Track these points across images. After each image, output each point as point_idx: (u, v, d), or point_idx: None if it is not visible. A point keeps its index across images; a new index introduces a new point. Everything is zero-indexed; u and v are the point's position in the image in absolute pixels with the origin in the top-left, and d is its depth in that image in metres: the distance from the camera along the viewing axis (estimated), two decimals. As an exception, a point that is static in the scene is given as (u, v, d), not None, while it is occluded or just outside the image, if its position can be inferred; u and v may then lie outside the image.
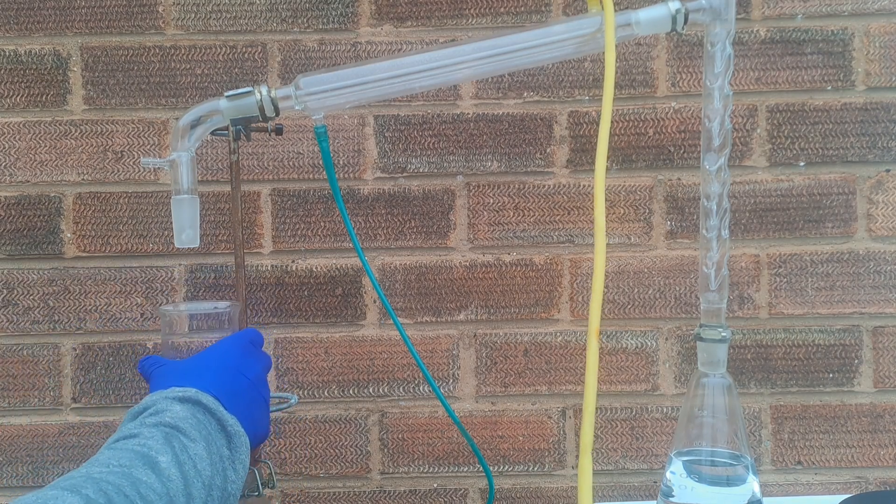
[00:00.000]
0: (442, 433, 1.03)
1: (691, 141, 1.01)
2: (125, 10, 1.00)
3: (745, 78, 1.01)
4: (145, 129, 1.01)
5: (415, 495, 1.03)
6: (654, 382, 1.02)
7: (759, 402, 1.02)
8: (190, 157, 0.73)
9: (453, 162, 1.01)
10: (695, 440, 0.72)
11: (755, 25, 1.00)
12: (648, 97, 1.01)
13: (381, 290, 0.84)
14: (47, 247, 1.01)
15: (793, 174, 1.01)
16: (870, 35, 1.00)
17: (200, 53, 1.00)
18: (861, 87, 1.00)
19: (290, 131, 1.00)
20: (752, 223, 1.01)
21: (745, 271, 1.01)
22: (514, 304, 1.02)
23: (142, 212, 1.01)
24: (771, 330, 1.02)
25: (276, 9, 1.00)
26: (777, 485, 1.02)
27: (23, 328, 1.01)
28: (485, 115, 1.01)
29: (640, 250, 1.02)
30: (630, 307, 1.02)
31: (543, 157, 1.01)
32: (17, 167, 1.00)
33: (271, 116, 0.74)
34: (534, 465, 1.03)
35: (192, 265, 1.01)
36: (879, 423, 1.01)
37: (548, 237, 1.02)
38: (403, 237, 1.02)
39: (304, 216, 1.01)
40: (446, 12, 1.00)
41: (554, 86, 1.01)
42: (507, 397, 1.02)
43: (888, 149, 1.01)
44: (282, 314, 1.02)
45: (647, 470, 1.03)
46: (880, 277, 1.01)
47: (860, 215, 1.01)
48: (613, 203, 1.01)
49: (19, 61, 1.00)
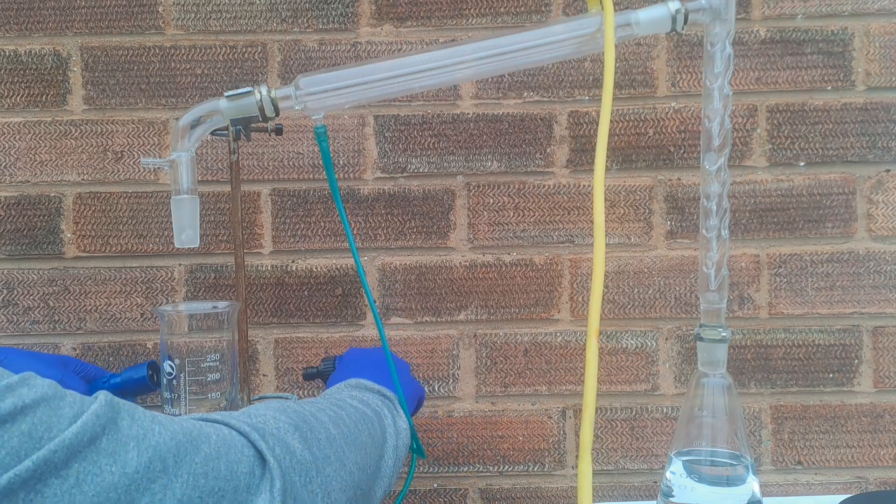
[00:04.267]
0: (442, 433, 1.03)
1: (691, 141, 1.01)
2: (125, 10, 1.00)
3: (745, 78, 1.01)
4: (145, 129, 1.01)
5: (415, 495, 1.03)
6: (654, 382, 1.02)
7: (759, 402, 1.02)
8: (190, 157, 0.73)
9: (453, 162, 1.01)
10: (695, 440, 0.72)
11: (755, 25, 1.00)
12: (648, 97, 1.01)
13: (367, 286, 0.84)
14: (47, 247, 1.01)
15: (793, 174, 1.01)
16: (870, 35, 1.00)
17: (200, 53, 1.00)
18: (861, 87, 1.00)
19: (290, 131, 1.00)
20: (752, 223, 1.01)
21: (745, 271, 1.01)
22: (514, 304, 1.02)
23: (142, 212, 1.01)
24: (771, 330, 1.02)
25: (276, 9, 1.00)
26: (777, 485, 1.02)
27: (23, 328, 1.01)
28: (485, 115, 1.01)
29: (640, 250, 1.02)
30: (630, 307, 1.02)
31: (543, 157, 1.01)
32: (17, 167, 1.00)
33: (271, 116, 0.74)
34: (534, 465, 1.03)
35: (192, 265, 1.01)
36: (879, 423, 1.01)
37: (548, 237, 1.02)
38: (403, 237, 1.02)
39: (303, 216, 1.01)
40: (446, 12, 1.00)
41: (554, 86, 1.01)
42: (507, 397, 1.02)
43: (888, 149, 1.01)
44: (282, 314, 1.02)
45: (647, 470, 1.03)
46: (880, 277, 1.01)
47: (860, 215, 1.01)
48: (613, 203, 1.01)
49: (19, 61, 1.00)
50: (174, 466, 0.46)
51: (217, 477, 0.49)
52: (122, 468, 0.44)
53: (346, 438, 0.63)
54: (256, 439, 0.53)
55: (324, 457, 0.59)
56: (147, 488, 0.45)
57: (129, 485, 0.44)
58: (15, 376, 0.43)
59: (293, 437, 0.57)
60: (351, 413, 0.68)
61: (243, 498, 0.50)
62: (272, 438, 0.54)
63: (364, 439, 0.66)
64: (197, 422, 0.52)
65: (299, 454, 0.56)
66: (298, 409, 0.62)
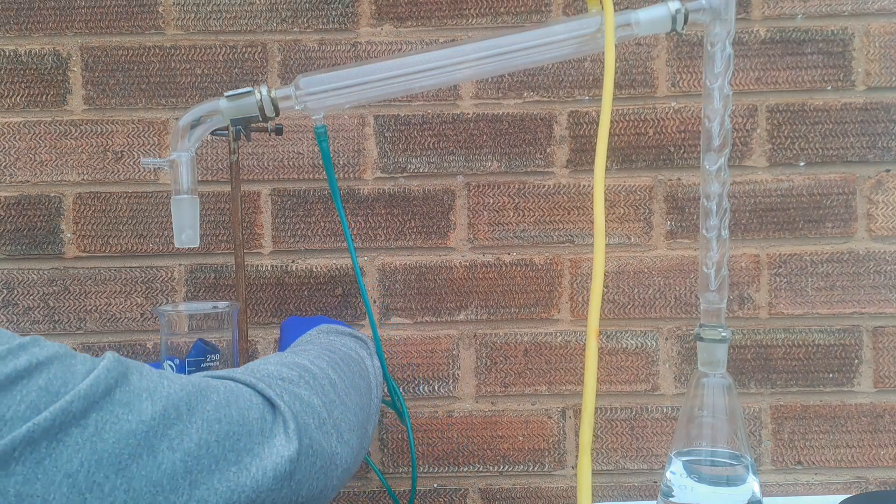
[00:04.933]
0: (442, 433, 1.03)
1: (691, 141, 1.01)
2: (125, 10, 1.00)
3: (745, 78, 1.01)
4: (145, 129, 1.01)
5: (415, 495, 1.03)
6: (654, 382, 1.02)
7: (759, 402, 1.02)
8: (190, 157, 0.73)
9: (453, 162, 1.01)
10: (695, 440, 0.72)
11: (755, 25, 1.00)
12: (648, 97, 1.01)
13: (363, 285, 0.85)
14: (47, 247, 1.01)
15: (793, 174, 1.01)
16: (870, 35, 1.00)
17: (200, 53, 1.00)
18: (861, 87, 1.00)
19: (290, 131, 1.00)
20: (752, 223, 1.01)
21: (745, 271, 1.01)
22: (514, 304, 1.02)
23: (142, 212, 1.01)
24: (771, 330, 1.02)
25: (276, 9, 1.00)
26: (777, 485, 1.02)
27: (23, 328, 1.01)
28: (485, 115, 1.01)
29: (640, 250, 1.02)
30: (630, 307, 1.02)
31: (543, 157, 1.01)
32: (17, 167, 1.00)
33: (271, 116, 0.74)
34: (534, 465, 1.03)
35: (192, 265, 1.01)
36: (879, 423, 1.01)
37: (548, 237, 1.02)
38: (403, 237, 1.02)
39: (303, 216, 1.01)
40: (446, 12, 1.00)
41: (554, 86, 1.01)
42: (507, 397, 1.02)
43: (888, 149, 1.01)
44: (282, 314, 1.02)
45: (647, 470, 1.03)
46: (880, 277, 1.01)
47: (860, 215, 1.01)
48: (613, 203, 1.01)
49: (19, 61, 1.00)
50: (187, 413, 0.48)
51: (230, 422, 0.50)
52: (138, 416, 0.46)
53: (345, 382, 0.66)
54: (263, 388, 0.55)
55: (329, 401, 0.61)
56: (164, 434, 0.46)
57: (147, 431, 0.46)
58: (25, 338, 0.45)
59: (299, 386, 0.59)
60: (343, 356, 0.70)
61: (258, 440, 0.52)
62: (278, 387, 0.56)
63: (357, 381, 0.70)
64: (202, 377, 0.54)
65: (307, 399, 0.58)
66: (297, 360, 0.64)
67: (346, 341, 0.76)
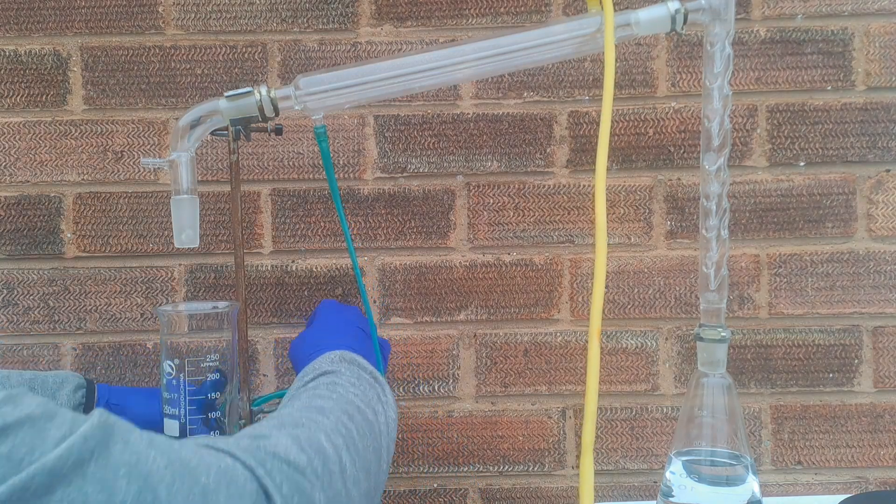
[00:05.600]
0: (442, 433, 1.03)
1: (691, 141, 1.01)
2: (125, 10, 1.00)
3: (745, 78, 1.01)
4: (145, 129, 1.01)
5: (415, 495, 1.03)
6: (654, 382, 1.02)
7: (759, 402, 1.02)
8: (190, 157, 0.73)
9: (453, 162, 1.01)
10: (695, 440, 0.72)
11: (755, 25, 1.00)
12: (648, 97, 1.01)
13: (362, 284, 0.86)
14: (47, 247, 1.01)
15: (793, 174, 1.01)
16: (870, 35, 1.00)
17: (200, 53, 1.00)
18: (861, 87, 1.00)
19: (289, 131, 1.00)
20: (752, 223, 1.01)
21: (745, 271, 1.01)
22: (514, 304, 1.02)
23: (142, 212, 1.01)
24: (771, 330, 1.02)
25: (276, 9, 1.00)
26: (777, 485, 1.02)
27: (23, 328, 1.01)
28: (485, 115, 1.01)
29: (640, 250, 1.02)
30: (630, 307, 1.02)
31: (543, 157, 1.01)
32: (17, 167, 1.00)
33: (271, 116, 0.74)
34: (534, 465, 1.03)
35: (192, 265, 1.01)
36: (879, 423, 1.01)
37: (548, 237, 1.02)
38: (403, 237, 1.02)
39: (303, 216, 1.01)
40: (446, 12, 1.00)
41: (554, 86, 1.01)
42: (507, 397, 1.02)
43: (888, 149, 1.01)
44: (282, 314, 1.02)
45: (647, 470, 1.03)
46: (880, 277, 1.01)
47: (860, 215, 1.01)
48: (613, 203, 1.01)
49: (19, 61, 1.00)
50: (167, 498, 0.42)
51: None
52: (108, 498, 0.40)
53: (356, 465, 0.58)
54: (262, 475, 0.49)
55: (335, 493, 0.54)
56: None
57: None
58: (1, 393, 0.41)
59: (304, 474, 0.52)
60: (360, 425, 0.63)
61: None
62: (280, 474, 0.50)
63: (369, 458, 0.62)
64: (199, 448, 0.49)
65: (308, 492, 0.51)
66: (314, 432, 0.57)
67: (366, 392, 0.68)
